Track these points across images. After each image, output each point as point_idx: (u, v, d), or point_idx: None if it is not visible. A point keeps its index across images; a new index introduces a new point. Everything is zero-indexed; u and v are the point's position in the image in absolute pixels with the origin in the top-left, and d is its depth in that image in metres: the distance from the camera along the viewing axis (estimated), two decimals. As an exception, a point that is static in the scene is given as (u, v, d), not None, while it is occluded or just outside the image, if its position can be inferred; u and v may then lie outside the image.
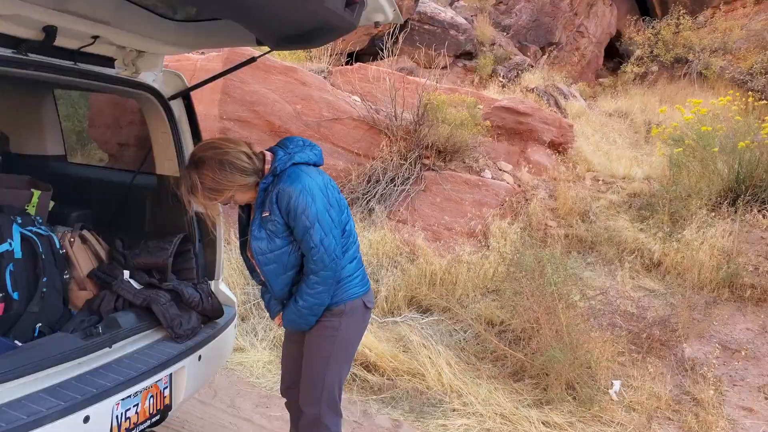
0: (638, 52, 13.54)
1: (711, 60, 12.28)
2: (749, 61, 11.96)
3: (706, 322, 4.29)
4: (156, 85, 2.97)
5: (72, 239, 2.61)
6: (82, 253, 2.63)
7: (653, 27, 13.79)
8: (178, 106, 3.09)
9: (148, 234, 2.96)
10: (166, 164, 3.11)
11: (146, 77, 2.93)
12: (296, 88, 6.10)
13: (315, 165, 2.29)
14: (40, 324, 2.28)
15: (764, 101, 11.16)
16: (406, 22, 12.57)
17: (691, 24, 13.26)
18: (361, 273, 2.31)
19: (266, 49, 2.72)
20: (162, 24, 2.73)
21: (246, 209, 2.27)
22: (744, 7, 13.69)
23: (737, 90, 12.19)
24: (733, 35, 12.53)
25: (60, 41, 2.27)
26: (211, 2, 2.27)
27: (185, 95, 3.14)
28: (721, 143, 5.58)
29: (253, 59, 3.19)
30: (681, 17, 13.25)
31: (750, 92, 11.90)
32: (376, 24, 2.89)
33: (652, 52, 13.47)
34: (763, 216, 5.13)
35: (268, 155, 2.17)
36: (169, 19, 2.77)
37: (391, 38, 10.10)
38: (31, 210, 2.77)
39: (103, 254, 2.73)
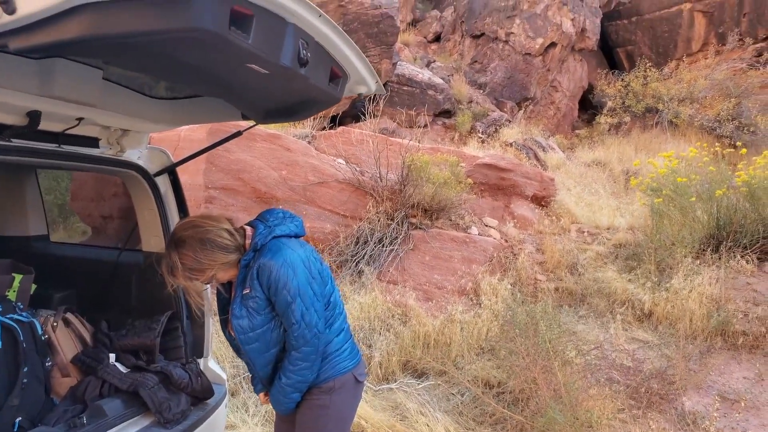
0: (610, 104, 13.98)
1: (680, 109, 12.71)
2: (715, 108, 12.39)
3: (702, 372, 4.25)
4: (141, 162, 2.97)
5: (55, 323, 2.54)
6: (66, 338, 2.55)
7: (623, 79, 14.31)
8: (163, 182, 3.08)
9: (135, 313, 2.89)
10: (153, 240, 3.07)
11: (131, 155, 2.93)
12: (281, 154, 6.16)
13: (296, 236, 2.26)
14: (20, 418, 2.17)
15: (733, 147, 11.51)
16: (385, 83, 12.90)
17: (658, 76, 13.78)
18: (350, 345, 2.25)
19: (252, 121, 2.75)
20: (147, 102, 2.75)
21: (226, 286, 2.21)
22: (705, 59, 14.32)
23: (707, 136, 12.60)
24: (698, 85, 13.03)
25: (44, 125, 2.27)
26: (199, 84, 2.30)
27: (170, 171, 3.14)
28: (698, 192, 5.69)
29: (238, 133, 3.21)
30: (647, 70, 13.77)
31: (719, 138, 12.31)
32: (359, 95, 2.94)
33: (623, 103, 13.92)
34: (747, 261, 5.18)
35: (249, 230, 2.14)
36: (154, 97, 2.80)
37: (372, 102, 10.36)
38: (12, 295, 2.69)
39: (87, 337, 2.65)
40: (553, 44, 14.12)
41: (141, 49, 1.83)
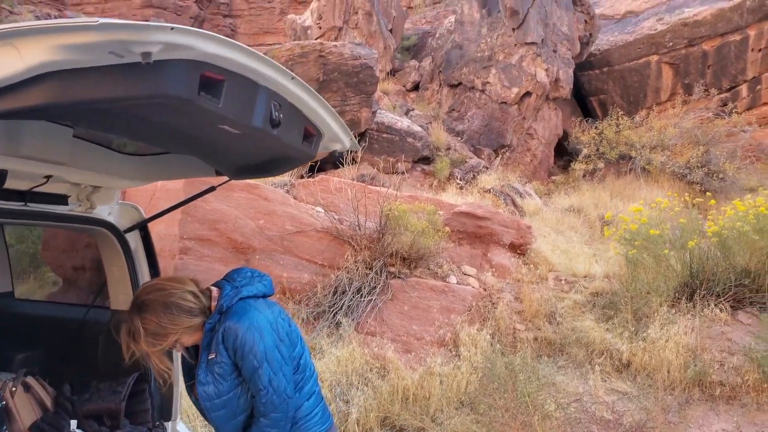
0: (585, 151, 14.30)
1: (652, 156, 13.03)
2: (685, 156, 12.75)
3: (682, 425, 4.22)
4: (111, 219, 2.92)
5: (14, 389, 2.43)
6: (25, 404, 2.44)
7: (596, 127, 14.68)
8: (134, 239, 3.03)
9: (101, 374, 2.79)
10: (121, 298, 3.00)
11: (101, 211, 2.89)
12: (258, 203, 6.14)
13: (264, 296, 2.22)
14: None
15: (704, 193, 11.79)
16: (365, 131, 13.06)
17: (630, 124, 14.18)
18: (321, 409, 2.19)
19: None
20: (118, 159, 2.73)
21: (191, 351, 2.13)
22: (674, 108, 14.82)
23: (678, 182, 12.90)
24: (668, 133, 13.43)
25: (10, 183, 2.22)
26: (170, 143, 2.29)
27: (142, 227, 3.10)
28: (671, 241, 5.77)
29: (212, 188, 3.20)
30: (620, 118, 14.17)
31: (690, 184, 12.61)
32: (334, 152, 2.95)
33: (598, 150, 14.24)
34: (720, 310, 5.23)
35: (215, 291, 2.09)
36: (126, 153, 2.78)
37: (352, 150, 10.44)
38: (-29, 358, 2.59)
39: (48, 402, 2.54)
40: (528, 93, 14.49)
41: (109, 112, 1.82)
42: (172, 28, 1.47)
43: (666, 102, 16.10)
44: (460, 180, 13.40)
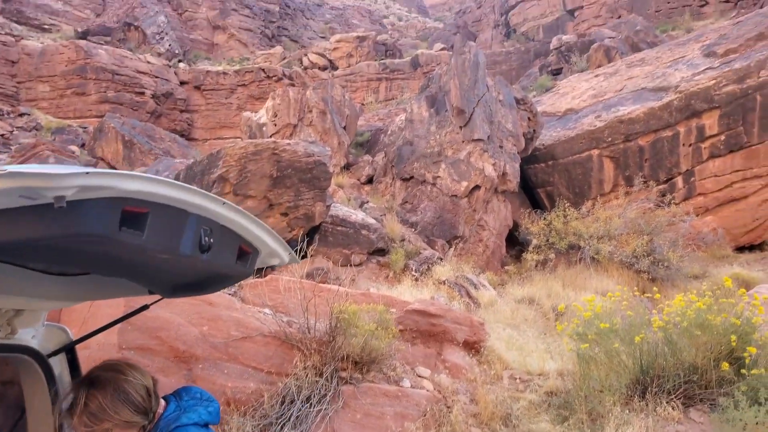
0: (535, 241, 14.65)
1: (600, 246, 13.45)
2: (631, 245, 13.21)
3: None
4: (34, 343, 2.75)
5: None
6: None
7: (545, 218, 15.15)
8: (59, 363, 2.85)
9: None
10: (41, 430, 2.77)
11: (24, 335, 2.72)
12: (203, 309, 5.94)
13: (206, 425, 2.10)
14: None
15: (651, 281, 12.12)
16: (320, 225, 13.10)
17: (577, 215, 14.71)
18: None
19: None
20: (44, 280, 2.61)
21: None
22: (617, 198, 15.53)
23: (627, 271, 13.26)
24: (613, 223, 13.95)
25: None
26: (97, 268, 2.21)
27: (69, 349, 2.93)
28: (621, 336, 5.82)
29: (145, 306, 3.09)
30: (566, 209, 14.70)
31: (638, 273, 12.98)
32: (272, 267, 2.92)
33: (548, 240, 14.62)
34: (673, 408, 5.21)
35: (162, 404, 1.99)
36: (52, 274, 2.67)
37: (307, 242, 10.39)
38: None
39: None
40: (477, 187, 14.97)
41: (26, 249, 1.76)
42: (87, 173, 1.46)
43: (609, 193, 16.86)
44: (416, 272, 13.44)
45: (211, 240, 2.06)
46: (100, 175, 1.50)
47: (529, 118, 16.97)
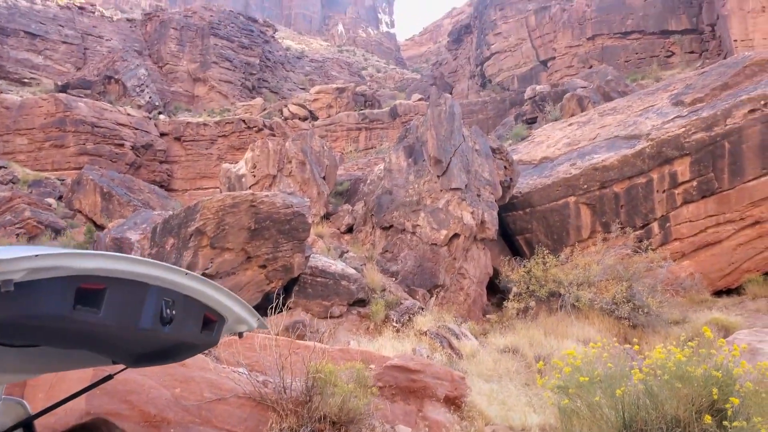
0: (516, 289, 14.64)
1: (580, 293, 13.47)
2: (611, 292, 13.25)
3: None
4: (-11, 420, 2.62)
5: None
6: None
7: (524, 266, 15.19)
8: (14, 440, 2.71)
9: None
10: None
11: (-22, 411, 2.59)
12: (175, 370, 5.76)
13: None
14: None
15: (632, 328, 12.10)
16: (299, 276, 12.96)
17: (556, 262, 14.78)
18: None
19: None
20: (2, 352, 2.51)
21: None
22: (594, 245, 15.68)
23: (607, 318, 13.25)
24: (592, 270, 14.03)
25: None
26: (56, 342, 2.13)
27: (26, 424, 2.80)
28: (602, 388, 5.75)
29: (109, 376, 2.99)
30: (545, 256, 14.78)
31: (619, 320, 12.98)
32: (240, 335, 2.87)
33: (528, 288, 14.61)
34: (658, 464, 5.10)
35: None
36: (11, 345, 2.56)
37: (286, 295, 10.24)
38: None
39: None
40: (456, 235, 15.02)
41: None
42: (36, 255, 1.41)
43: (587, 239, 17.03)
44: (397, 323, 13.28)
45: (173, 312, 2.02)
46: (51, 256, 1.46)
47: (505, 167, 17.24)
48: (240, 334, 2.77)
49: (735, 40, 38.47)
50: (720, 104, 17.55)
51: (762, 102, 16.86)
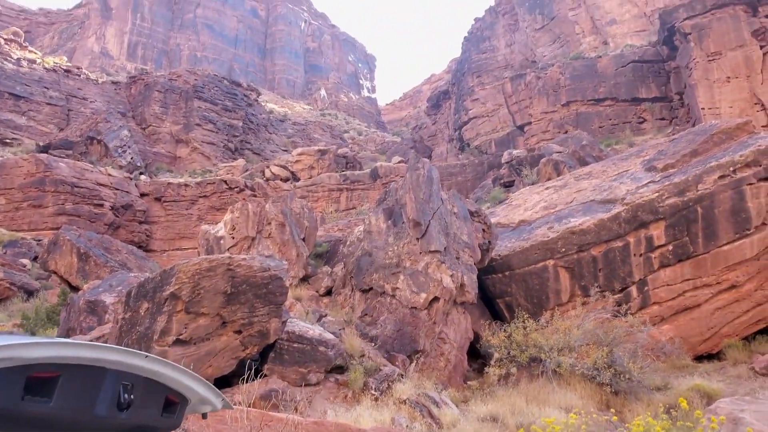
0: (497, 355, 14.45)
1: (561, 358, 13.33)
2: (592, 357, 13.14)
3: None
4: None
5: None
6: None
7: (505, 330, 15.06)
8: None
9: None
10: None
11: None
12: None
13: None
14: None
15: (615, 395, 11.93)
16: (275, 342, 12.66)
17: (536, 326, 14.68)
18: None
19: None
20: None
21: None
22: (574, 309, 15.66)
23: (589, 384, 13.07)
24: (572, 335, 13.95)
25: None
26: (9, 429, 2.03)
27: None
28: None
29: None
30: (525, 321, 14.69)
31: (600, 386, 12.81)
32: (204, 415, 2.77)
33: (509, 353, 14.43)
34: None
35: None
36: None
37: (262, 361, 9.95)
38: None
39: None
40: (436, 299, 14.93)
41: None
42: (-16, 348, 1.36)
43: (567, 303, 17.02)
44: (375, 390, 12.95)
45: (132, 396, 1.94)
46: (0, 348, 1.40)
47: (483, 230, 17.37)
48: (204, 415, 2.67)
49: (703, 108, 40.18)
50: (691, 170, 18.08)
51: (731, 168, 17.41)
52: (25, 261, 30.41)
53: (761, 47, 39.81)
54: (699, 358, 16.14)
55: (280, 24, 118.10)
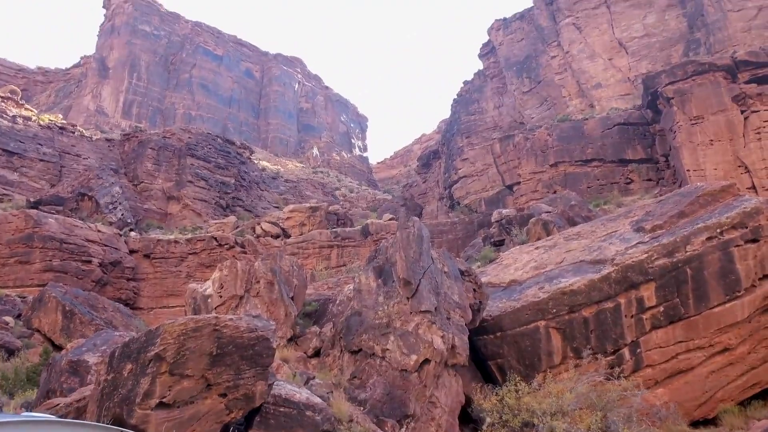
0: (489, 420, 14.06)
1: (554, 423, 12.99)
2: (585, 421, 12.81)
3: None
4: None
5: None
6: None
7: (497, 393, 14.72)
8: None
9: None
10: None
11: None
12: None
13: None
14: None
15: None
16: (260, 406, 12.28)
17: (528, 389, 14.37)
18: None
19: None
20: None
21: None
22: (567, 371, 15.38)
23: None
24: (565, 398, 13.64)
25: None
26: None
27: None
28: None
29: None
30: (518, 384, 14.39)
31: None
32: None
33: (501, 417, 14.06)
34: None
35: None
36: None
37: (242, 425, 9.60)
38: None
39: None
40: (426, 361, 14.64)
41: None
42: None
43: (560, 365, 16.74)
44: (363, 459, 12.51)
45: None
46: None
47: (474, 290, 17.26)
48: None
49: (688, 170, 40.99)
50: (679, 231, 18.23)
51: (718, 230, 17.59)
52: (8, 318, 29.71)
53: (742, 112, 41.05)
54: (695, 424, 15.78)
55: (275, 85, 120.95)
